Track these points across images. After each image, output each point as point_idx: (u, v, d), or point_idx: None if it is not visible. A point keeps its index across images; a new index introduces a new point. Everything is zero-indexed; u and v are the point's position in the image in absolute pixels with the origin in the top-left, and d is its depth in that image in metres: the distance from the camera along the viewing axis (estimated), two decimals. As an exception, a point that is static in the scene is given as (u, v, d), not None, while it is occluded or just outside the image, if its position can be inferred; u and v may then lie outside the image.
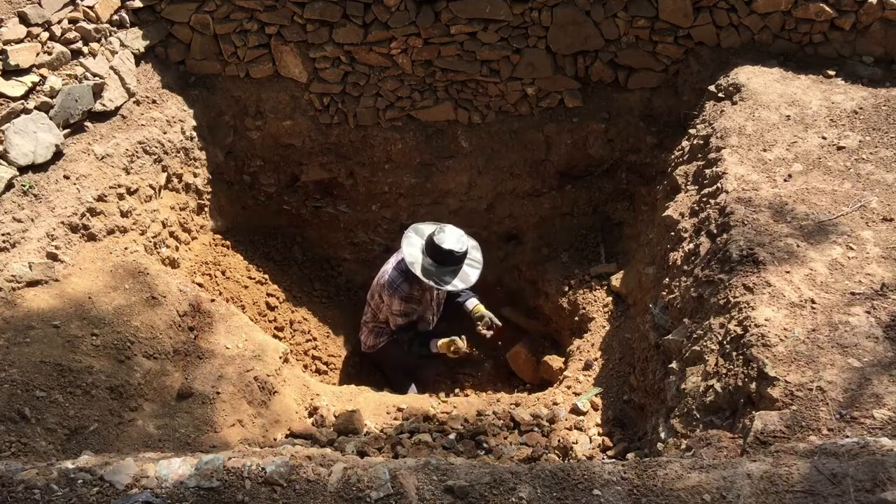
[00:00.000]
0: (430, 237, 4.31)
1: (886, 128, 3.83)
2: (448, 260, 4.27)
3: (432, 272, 4.29)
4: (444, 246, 4.23)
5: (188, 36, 4.85)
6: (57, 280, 3.53)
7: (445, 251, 4.24)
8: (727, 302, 3.01)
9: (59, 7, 4.04)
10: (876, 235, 3.17)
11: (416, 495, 2.04)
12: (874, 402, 2.46)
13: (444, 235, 4.27)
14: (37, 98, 3.85)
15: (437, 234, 4.29)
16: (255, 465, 2.10)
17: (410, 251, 4.34)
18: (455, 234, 4.31)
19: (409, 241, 4.39)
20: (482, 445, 3.79)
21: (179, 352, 3.63)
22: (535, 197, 5.27)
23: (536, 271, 5.25)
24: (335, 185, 5.45)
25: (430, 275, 4.29)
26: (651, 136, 4.88)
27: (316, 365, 5.09)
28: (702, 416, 2.82)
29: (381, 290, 4.60)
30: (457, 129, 5.10)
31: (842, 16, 4.27)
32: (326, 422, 3.91)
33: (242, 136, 5.22)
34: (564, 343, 4.90)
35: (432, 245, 4.27)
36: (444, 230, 4.32)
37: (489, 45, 4.71)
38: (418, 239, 4.41)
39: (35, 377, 3.00)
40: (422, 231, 4.46)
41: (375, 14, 4.65)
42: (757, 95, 4.11)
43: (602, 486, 2.07)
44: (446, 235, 4.28)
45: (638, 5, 4.48)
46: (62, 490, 2.04)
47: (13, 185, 3.68)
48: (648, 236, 4.37)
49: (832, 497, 1.99)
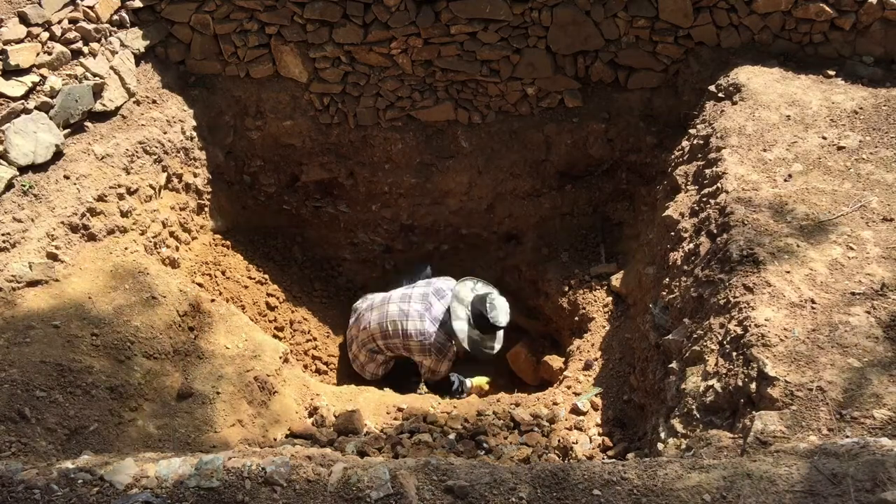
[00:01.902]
0: (481, 313, 4.56)
1: (886, 128, 3.83)
2: (494, 331, 4.65)
3: (478, 342, 4.61)
4: (500, 323, 4.59)
5: (188, 36, 4.85)
6: (57, 280, 3.53)
7: (498, 326, 4.61)
8: (727, 302, 3.01)
9: (59, 7, 4.04)
10: (876, 235, 3.17)
11: (416, 495, 2.04)
12: (874, 402, 2.46)
13: (498, 313, 4.59)
14: (37, 98, 3.85)
15: (490, 311, 4.55)
16: (255, 465, 2.10)
17: (460, 326, 4.57)
18: (505, 307, 4.63)
19: (456, 315, 4.59)
20: (482, 445, 3.79)
21: (179, 352, 3.63)
22: (535, 197, 5.27)
23: (536, 271, 5.25)
24: (335, 185, 5.45)
25: (476, 345, 4.61)
26: (651, 136, 4.88)
27: (316, 365, 5.09)
28: (702, 416, 2.82)
29: (423, 351, 4.66)
30: (457, 129, 5.10)
31: (842, 16, 4.27)
32: (326, 422, 3.91)
33: (242, 136, 5.22)
34: (564, 343, 4.90)
35: (485, 321, 4.56)
36: (495, 306, 4.60)
37: (489, 45, 4.71)
38: (463, 310, 4.64)
39: (35, 377, 3.00)
40: (464, 300, 4.68)
41: (375, 14, 4.65)
42: (757, 95, 4.11)
43: (602, 486, 2.07)
44: (499, 312, 4.59)
45: (638, 5, 4.48)
46: (62, 490, 2.04)
47: (13, 185, 3.68)
48: (648, 236, 4.37)
49: (832, 497, 1.99)
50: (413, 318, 4.63)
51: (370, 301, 4.97)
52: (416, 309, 4.67)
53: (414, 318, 4.64)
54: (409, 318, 4.63)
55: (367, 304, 4.95)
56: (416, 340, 4.63)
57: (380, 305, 4.81)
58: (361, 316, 4.90)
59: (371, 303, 4.93)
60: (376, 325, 4.74)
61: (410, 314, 4.65)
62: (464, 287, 4.75)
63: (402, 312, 4.68)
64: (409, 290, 4.84)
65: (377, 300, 4.91)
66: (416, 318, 4.63)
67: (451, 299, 4.63)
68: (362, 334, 4.82)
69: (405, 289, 4.90)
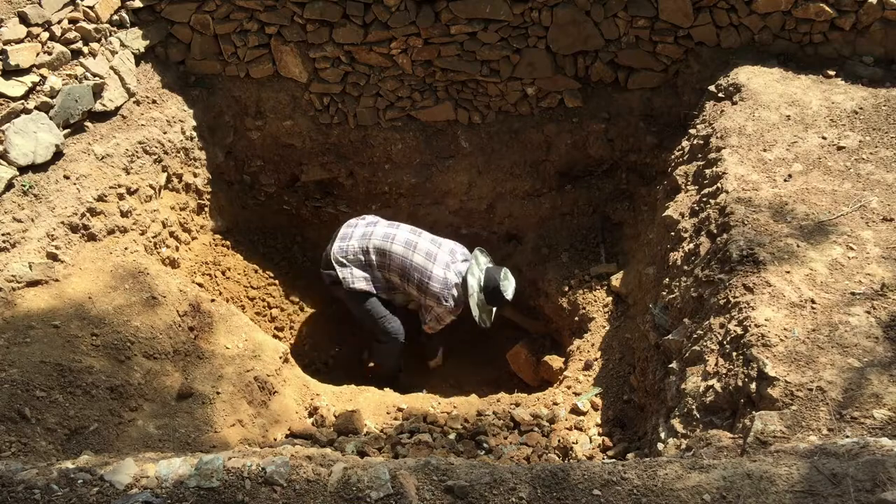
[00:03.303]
0: (495, 281, 4.61)
1: (886, 128, 3.83)
2: (498, 304, 4.69)
3: (480, 307, 4.65)
4: (507, 296, 4.63)
5: (188, 36, 4.85)
6: (57, 280, 3.53)
7: (503, 300, 4.64)
8: (727, 302, 3.01)
9: (59, 7, 4.04)
10: (876, 235, 3.17)
11: (416, 495, 2.04)
12: (874, 402, 2.46)
13: (508, 284, 4.66)
14: (37, 98, 3.85)
15: (503, 280, 4.63)
16: (255, 465, 2.10)
17: (472, 283, 4.61)
18: (513, 285, 4.72)
19: (472, 272, 4.63)
20: (482, 445, 3.80)
21: (179, 352, 3.63)
22: (535, 197, 5.27)
23: (536, 271, 5.25)
24: (335, 185, 5.45)
25: (479, 310, 4.65)
26: (651, 136, 4.88)
27: (316, 365, 5.09)
28: (702, 416, 2.82)
29: (433, 298, 4.59)
30: (457, 129, 5.11)
31: (842, 16, 4.27)
32: (326, 422, 3.91)
33: (242, 136, 5.22)
34: (564, 343, 4.90)
35: (496, 290, 4.60)
36: (508, 278, 4.69)
37: (489, 45, 4.71)
38: (478, 271, 4.69)
39: (35, 377, 3.00)
40: (480, 263, 4.74)
41: (375, 14, 4.65)
42: (757, 95, 4.11)
43: (602, 486, 2.07)
44: (510, 284, 4.68)
45: (638, 5, 4.48)
46: (62, 490, 2.04)
47: (13, 185, 3.68)
48: (648, 236, 4.37)
49: (832, 497, 1.99)
50: (440, 264, 4.59)
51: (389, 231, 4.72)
52: (444, 258, 4.63)
53: (440, 264, 4.60)
54: (435, 263, 4.58)
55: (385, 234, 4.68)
56: (438, 285, 4.56)
57: (405, 242, 4.62)
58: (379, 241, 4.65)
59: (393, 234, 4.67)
60: (402, 249, 4.57)
61: (438, 259, 4.60)
62: (482, 254, 4.81)
63: (429, 255, 4.59)
64: (438, 238, 4.77)
65: (400, 237, 4.64)
66: (443, 265, 4.60)
67: (472, 260, 4.69)
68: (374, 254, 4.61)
69: (430, 234, 4.80)
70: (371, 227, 4.67)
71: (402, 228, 4.68)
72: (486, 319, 4.74)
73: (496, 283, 4.58)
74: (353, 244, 4.59)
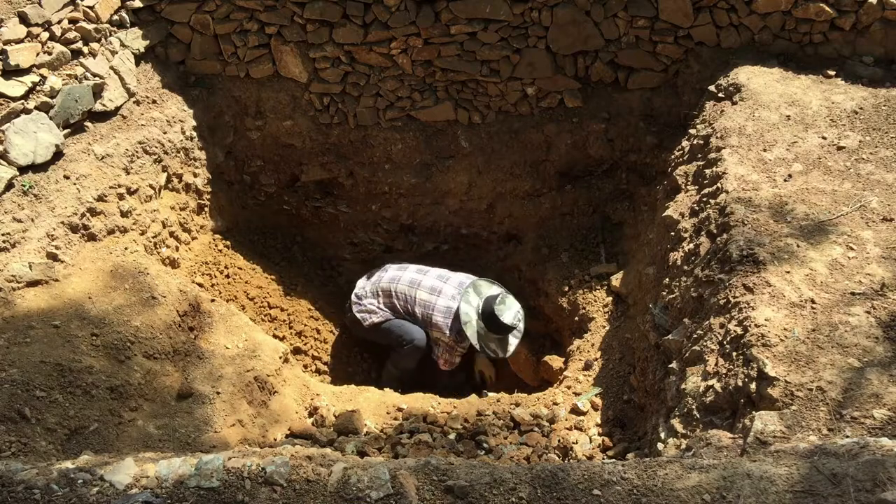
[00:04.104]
0: (490, 306, 4.57)
1: (886, 128, 3.83)
2: (500, 330, 4.62)
3: (482, 336, 4.62)
4: (503, 320, 4.54)
5: (188, 36, 4.85)
6: (57, 280, 3.53)
7: (502, 324, 4.56)
8: (727, 302, 3.01)
9: (59, 7, 4.04)
10: (876, 235, 3.17)
11: (416, 495, 2.04)
12: (874, 402, 2.46)
13: (505, 308, 4.57)
14: (37, 98, 3.85)
15: (497, 304, 4.55)
16: (255, 465, 2.10)
17: (466, 310, 4.60)
18: (514, 309, 4.65)
19: (467, 300, 4.63)
20: (482, 445, 3.79)
21: (179, 352, 3.63)
22: (535, 197, 5.27)
23: (536, 271, 5.25)
24: (335, 185, 5.45)
25: (480, 338, 4.62)
26: (651, 136, 4.88)
27: (316, 365, 5.09)
28: (702, 416, 2.82)
29: (437, 328, 4.70)
30: (457, 130, 5.10)
31: (842, 16, 4.26)
32: (326, 422, 3.91)
33: (242, 136, 5.22)
34: (564, 343, 4.90)
35: (491, 315, 4.55)
36: (505, 302, 4.61)
37: (489, 45, 4.71)
38: (476, 298, 4.68)
39: (35, 377, 3.00)
40: (481, 291, 4.73)
41: (375, 14, 4.65)
42: (757, 95, 4.11)
43: (602, 486, 2.07)
44: (506, 308, 4.58)
45: (638, 5, 4.48)
46: (62, 490, 2.04)
47: (13, 185, 3.68)
48: (648, 236, 4.37)
49: (832, 497, 1.99)
50: (444, 296, 4.72)
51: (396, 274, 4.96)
52: (450, 291, 4.75)
53: (445, 297, 4.72)
54: (440, 296, 4.72)
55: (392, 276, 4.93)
56: (441, 316, 4.69)
57: (410, 282, 4.83)
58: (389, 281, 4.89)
59: (399, 276, 4.91)
60: (406, 287, 4.78)
61: (444, 292, 4.73)
62: (486, 283, 4.84)
63: (433, 290, 4.75)
64: (447, 273, 4.90)
65: (405, 277, 4.87)
66: (448, 297, 4.72)
67: (468, 287, 4.71)
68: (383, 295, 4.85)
69: (439, 270, 4.95)
70: (382, 273, 4.92)
71: (409, 269, 4.90)
72: (497, 349, 4.71)
73: (491, 309, 4.56)
74: (367, 289, 4.89)
